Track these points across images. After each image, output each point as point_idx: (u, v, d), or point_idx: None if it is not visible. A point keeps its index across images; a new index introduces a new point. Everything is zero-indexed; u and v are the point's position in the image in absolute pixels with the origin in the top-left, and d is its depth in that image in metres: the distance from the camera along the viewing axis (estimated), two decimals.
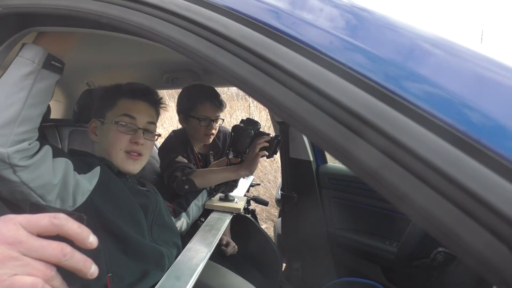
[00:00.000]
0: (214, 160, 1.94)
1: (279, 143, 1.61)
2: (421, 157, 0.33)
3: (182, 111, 1.90)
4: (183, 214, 1.56)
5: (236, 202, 1.72)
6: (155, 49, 1.72)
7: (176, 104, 1.97)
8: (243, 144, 1.59)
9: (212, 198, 1.74)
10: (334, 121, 0.38)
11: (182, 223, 1.55)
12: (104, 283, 0.99)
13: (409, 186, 0.33)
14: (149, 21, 0.58)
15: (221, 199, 1.73)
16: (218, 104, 1.85)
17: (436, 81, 0.38)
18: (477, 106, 0.35)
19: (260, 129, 1.64)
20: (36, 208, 0.44)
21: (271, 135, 1.59)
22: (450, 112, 0.34)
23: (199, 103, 1.82)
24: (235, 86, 0.49)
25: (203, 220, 1.62)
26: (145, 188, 1.32)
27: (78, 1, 0.69)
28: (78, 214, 0.44)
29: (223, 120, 1.95)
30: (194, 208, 1.61)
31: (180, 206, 1.57)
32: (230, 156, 1.68)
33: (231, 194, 1.75)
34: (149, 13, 0.58)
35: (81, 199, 1.02)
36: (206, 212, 1.69)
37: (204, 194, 1.65)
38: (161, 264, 1.16)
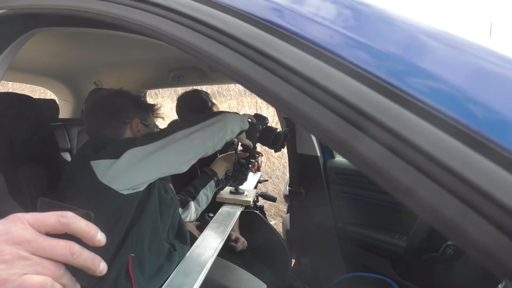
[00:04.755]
0: (220, 154, 1.96)
1: (286, 138, 1.61)
2: (424, 151, 0.33)
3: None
4: (192, 202, 1.59)
5: (246, 195, 1.78)
6: (161, 47, 1.73)
7: (177, 113, 2.21)
8: (251, 139, 1.60)
9: (222, 192, 1.80)
10: (337, 117, 0.38)
11: (190, 212, 1.58)
12: (126, 261, 1.09)
13: (413, 180, 0.33)
14: (151, 20, 0.58)
15: (231, 193, 1.79)
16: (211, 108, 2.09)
17: (439, 75, 0.37)
18: (480, 99, 0.34)
19: (268, 124, 1.65)
20: (46, 205, 0.44)
21: (278, 130, 1.60)
22: (453, 106, 0.34)
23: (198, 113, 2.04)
24: (238, 83, 0.49)
25: (212, 215, 1.64)
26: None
27: (82, 1, 0.70)
28: (85, 211, 0.44)
29: None
30: (203, 196, 1.65)
31: (189, 194, 1.60)
32: (239, 150, 1.70)
33: (240, 187, 1.81)
34: (151, 12, 0.58)
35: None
36: (214, 206, 1.72)
37: (212, 184, 1.68)
38: (172, 259, 1.21)
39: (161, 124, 1.55)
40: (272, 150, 1.65)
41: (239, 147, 1.67)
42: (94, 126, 1.33)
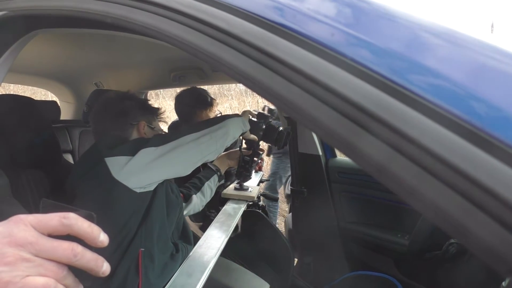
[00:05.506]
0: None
1: (289, 136, 1.62)
2: (429, 150, 0.33)
3: (184, 119, 2.16)
4: (196, 195, 1.62)
5: (250, 191, 1.87)
6: (161, 48, 1.74)
7: (176, 111, 2.21)
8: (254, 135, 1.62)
9: (227, 188, 1.89)
10: (340, 116, 0.38)
11: (194, 204, 1.60)
12: (136, 256, 1.12)
13: (418, 179, 0.33)
14: (152, 20, 0.58)
15: (236, 189, 1.88)
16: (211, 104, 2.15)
17: (443, 72, 0.37)
18: (485, 97, 0.34)
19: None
20: (48, 206, 0.44)
21: (280, 128, 1.60)
22: (457, 104, 0.34)
23: (198, 110, 2.09)
24: (240, 82, 0.49)
25: (214, 211, 1.66)
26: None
27: (83, 2, 0.70)
28: (88, 212, 0.44)
29: (220, 113, 2.14)
30: (208, 188, 1.68)
31: (194, 185, 1.65)
32: (242, 148, 1.71)
33: (244, 184, 1.89)
34: (152, 12, 0.58)
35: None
36: (216, 205, 1.74)
37: (215, 178, 1.72)
38: (176, 258, 1.23)
39: (163, 126, 1.59)
40: None
41: (243, 145, 1.69)
42: (101, 128, 1.34)
